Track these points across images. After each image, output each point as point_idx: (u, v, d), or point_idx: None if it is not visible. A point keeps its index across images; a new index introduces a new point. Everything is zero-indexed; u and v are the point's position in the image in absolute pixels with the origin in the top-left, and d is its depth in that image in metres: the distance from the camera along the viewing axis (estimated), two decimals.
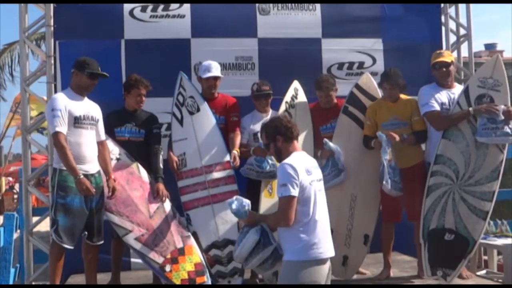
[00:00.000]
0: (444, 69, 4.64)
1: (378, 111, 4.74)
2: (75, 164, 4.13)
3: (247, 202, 3.32)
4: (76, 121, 4.26)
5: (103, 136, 4.46)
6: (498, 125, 4.35)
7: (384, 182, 4.48)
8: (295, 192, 3.12)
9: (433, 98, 4.59)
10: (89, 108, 4.38)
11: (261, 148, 4.54)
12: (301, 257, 3.13)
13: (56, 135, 4.13)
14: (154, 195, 4.57)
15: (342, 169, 4.70)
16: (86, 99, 4.42)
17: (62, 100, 4.25)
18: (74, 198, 4.18)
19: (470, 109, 4.46)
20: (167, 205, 4.60)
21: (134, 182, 4.58)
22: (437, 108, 4.57)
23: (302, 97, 4.96)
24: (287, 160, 3.22)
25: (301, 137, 4.83)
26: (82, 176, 4.11)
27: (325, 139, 4.73)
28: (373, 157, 4.72)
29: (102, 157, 4.38)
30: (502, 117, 4.32)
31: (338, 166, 4.70)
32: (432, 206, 4.49)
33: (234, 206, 3.30)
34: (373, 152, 4.73)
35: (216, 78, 4.86)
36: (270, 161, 4.68)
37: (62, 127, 4.14)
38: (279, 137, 3.30)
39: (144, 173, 4.63)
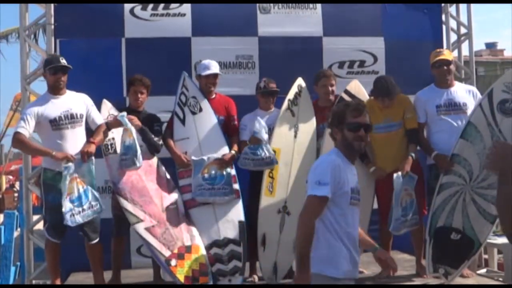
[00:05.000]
0: (445, 67, 4.65)
1: (370, 113, 4.70)
2: (41, 146, 4.26)
3: None
4: (53, 124, 4.28)
5: (99, 121, 4.47)
6: None
7: (389, 229, 4.52)
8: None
9: (422, 109, 4.64)
10: (69, 105, 4.36)
11: (256, 137, 4.63)
12: None
13: (14, 135, 4.26)
14: (169, 191, 4.62)
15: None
16: (66, 96, 4.41)
17: (33, 106, 4.32)
18: (55, 195, 4.23)
19: (434, 154, 4.57)
20: (180, 203, 4.64)
21: (152, 174, 4.64)
22: (422, 121, 4.65)
23: (306, 95, 4.94)
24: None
25: (305, 135, 4.86)
26: (55, 152, 4.18)
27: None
28: None
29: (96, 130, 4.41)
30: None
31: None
32: (442, 204, 4.49)
33: None
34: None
35: (215, 76, 4.86)
36: (264, 148, 4.66)
37: (24, 130, 4.21)
38: None
39: (162, 169, 4.70)
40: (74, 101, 4.41)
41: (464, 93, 4.72)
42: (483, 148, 4.44)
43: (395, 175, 4.47)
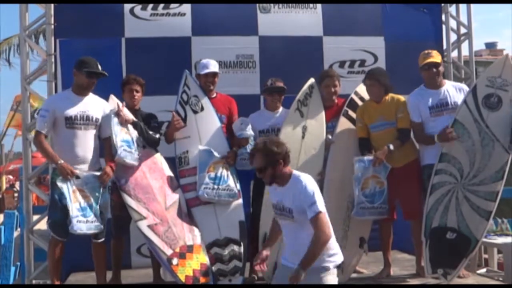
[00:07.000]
0: (434, 70, 4.63)
1: (365, 112, 4.76)
2: (54, 152, 4.29)
3: None
4: (68, 122, 4.32)
5: (109, 131, 4.48)
6: None
7: (352, 214, 4.61)
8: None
9: (416, 109, 4.63)
10: (88, 107, 4.41)
11: (243, 138, 4.70)
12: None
13: (36, 134, 4.35)
14: (172, 189, 4.63)
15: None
16: (88, 98, 4.46)
17: (52, 101, 4.43)
18: (61, 194, 4.24)
19: (436, 136, 4.50)
20: (183, 201, 4.64)
21: (156, 172, 4.63)
22: (418, 120, 4.63)
23: (317, 95, 4.91)
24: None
25: (313, 136, 4.84)
26: (62, 162, 4.21)
27: None
28: None
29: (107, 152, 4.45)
30: None
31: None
32: (435, 204, 4.48)
33: None
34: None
35: (214, 75, 4.85)
36: (251, 145, 4.65)
37: (44, 129, 4.30)
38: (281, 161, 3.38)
39: (166, 166, 4.70)
40: (94, 104, 4.46)
41: (455, 92, 4.70)
42: (472, 145, 4.46)
43: (354, 158, 4.51)
